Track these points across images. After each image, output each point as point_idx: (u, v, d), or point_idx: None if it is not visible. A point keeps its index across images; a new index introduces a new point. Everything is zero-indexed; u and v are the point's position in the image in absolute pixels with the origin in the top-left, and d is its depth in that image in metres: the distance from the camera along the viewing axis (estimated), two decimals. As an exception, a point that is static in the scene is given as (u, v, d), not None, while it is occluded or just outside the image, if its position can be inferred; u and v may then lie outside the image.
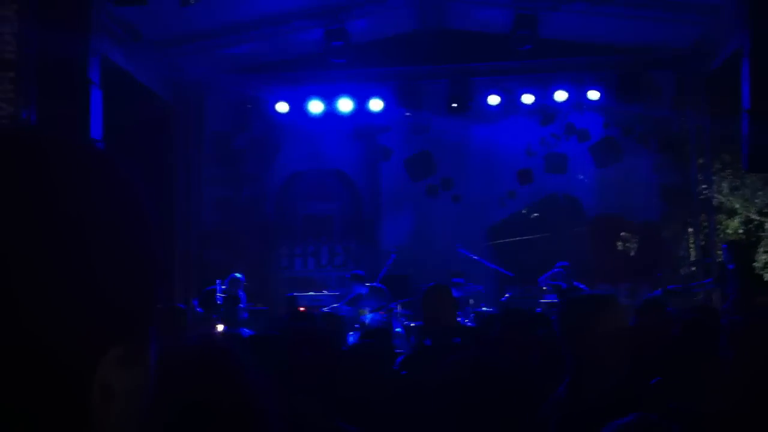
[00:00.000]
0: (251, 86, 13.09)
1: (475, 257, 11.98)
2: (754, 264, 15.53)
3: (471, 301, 11.18)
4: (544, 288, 11.52)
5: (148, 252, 0.76)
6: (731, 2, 9.35)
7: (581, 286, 10.92)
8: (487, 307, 11.23)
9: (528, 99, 12.85)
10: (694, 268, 13.17)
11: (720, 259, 11.65)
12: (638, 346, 4.62)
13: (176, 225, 13.36)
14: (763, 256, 16.37)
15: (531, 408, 2.57)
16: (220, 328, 10.38)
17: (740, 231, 16.52)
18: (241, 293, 11.12)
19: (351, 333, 9.83)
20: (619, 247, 13.10)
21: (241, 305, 11.06)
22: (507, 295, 11.85)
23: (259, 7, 10.79)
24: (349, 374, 3.53)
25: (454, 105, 12.87)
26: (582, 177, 13.37)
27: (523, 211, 13.53)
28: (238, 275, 11.17)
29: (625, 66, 12.52)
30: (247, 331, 10.16)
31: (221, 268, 11.82)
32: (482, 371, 2.59)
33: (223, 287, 10.92)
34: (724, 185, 16.06)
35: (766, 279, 15.82)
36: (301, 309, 11.82)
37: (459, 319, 10.81)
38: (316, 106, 13.12)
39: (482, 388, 2.53)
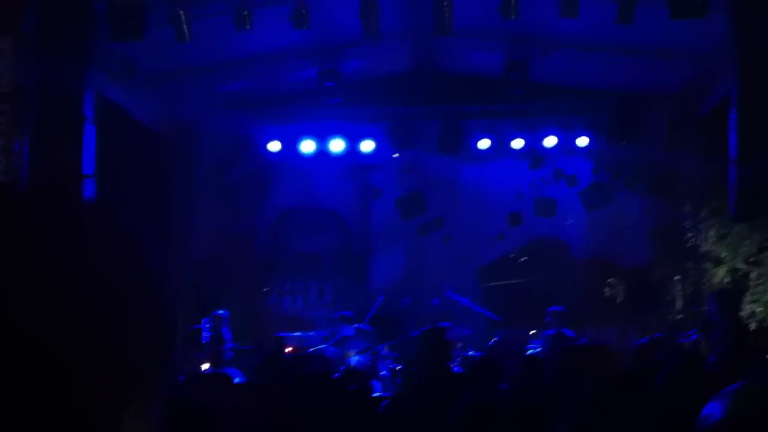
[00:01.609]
0: (244, 122, 13.15)
1: (464, 301, 11.96)
2: (740, 314, 15.55)
3: (459, 345, 11.13)
4: (532, 333, 11.51)
5: (163, 310, 0.80)
6: (721, 49, 9.49)
7: (569, 332, 10.89)
8: (474, 351, 11.18)
9: (518, 143, 12.98)
10: (681, 316, 13.17)
11: (705, 308, 11.66)
12: (630, 393, 4.62)
13: (169, 259, 13.28)
14: (750, 306, 16.39)
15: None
16: (205, 367, 10.28)
17: (726, 280, 16.56)
18: (225, 331, 10.98)
19: (336, 375, 9.74)
20: (608, 293, 13.10)
21: (227, 344, 10.92)
22: (495, 339, 11.81)
23: (254, 44, 10.86)
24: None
25: (446, 148, 12.96)
26: (571, 221, 13.44)
27: (512, 255, 13.55)
28: (220, 312, 11.05)
29: (615, 109, 12.64)
30: (231, 370, 10.06)
31: (210, 303, 11.73)
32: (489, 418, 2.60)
33: (209, 325, 10.82)
34: (711, 233, 16.13)
35: (752, 329, 15.84)
36: (289, 349, 11.75)
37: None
38: (308, 146, 13.20)
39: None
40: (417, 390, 4.64)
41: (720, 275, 16.48)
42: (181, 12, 9.24)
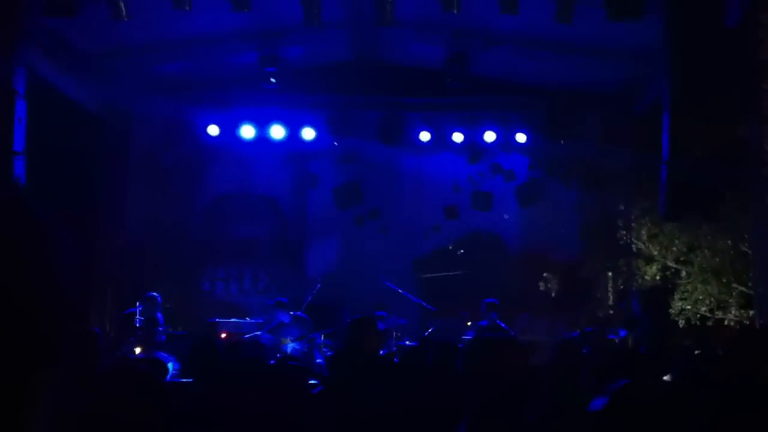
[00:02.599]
0: (182, 105, 12.95)
1: (400, 290, 12.02)
2: (669, 311, 15.95)
3: (395, 334, 11.19)
4: (468, 324, 11.64)
5: (57, 287, 0.86)
6: (655, 51, 9.68)
7: (503, 325, 11.05)
8: (410, 341, 11.26)
9: (458, 137, 13.07)
10: (611, 311, 13.45)
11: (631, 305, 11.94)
12: (553, 386, 4.70)
13: (97, 242, 13.04)
14: (679, 303, 16.81)
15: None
16: (137, 351, 10.12)
17: (657, 277, 16.96)
18: (158, 315, 10.85)
19: (271, 362, 9.70)
20: (541, 287, 13.30)
21: (160, 328, 10.78)
22: (430, 329, 11.92)
23: (194, 25, 10.68)
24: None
25: (386, 139, 12.97)
26: (507, 216, 13.60)
27: (449, 246, 13.66)
28: (154, 294, 10.89)
29: (553, 107, 12.82)
30: (164, 355, 9.93)
31: (142, 288, 11.55)
32: (394, 406, 2.62)
33: (142, 308, 10.66)
34: (643, 231, 16.49)
35: (681, 326, 16.25)
36: (223, 335, 11.65)
37: (382, 352, 10.87)
38: (248, 131, 13.07)
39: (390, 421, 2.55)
40: (343, 378, 4.64)
41: (651, 273, 16.89)
42: (118, -11, 9.03)
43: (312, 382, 9.93)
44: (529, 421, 3.95)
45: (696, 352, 7.45)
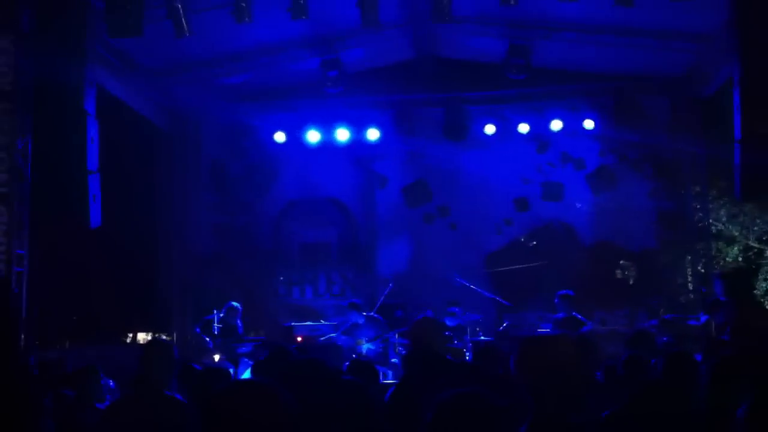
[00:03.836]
0: (247, 114, 13.18)
1: (473, 286, 11.96)
2: (755, 292, 15.48)
3: (469, 330, 11.15)
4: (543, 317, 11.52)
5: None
6: (723, 31, 9.41)
7: (579, 316, 10.88)
8: (484, 336, 11.21)
9: (524, 128, 12.91)
10: (692, 296, 13.13)
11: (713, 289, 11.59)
12: (625, 379, 4.61)
13: (173, 252, 13.40)
14: (764, 284, 16.32)
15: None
16: (216, 358, 10.36)
17: (740, 258, 16.49)
18: (238, 322, 11.08)
19: (347, 363, 9.80)
20: (618, 275, 13.06)
21: (242, 336, 11.02)
22: (504, 324, 11.84)
23: (254, 37, 10.86)
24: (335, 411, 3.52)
25: (452, 135, 12.92)
26: (579, 205, 13.36)
27: (521, 239, 13.52)
28: (235, 304, 11.11)
29: (619, 93, 12.56)
30: (247, 361, 10.15)
31: (218, 296, 11.81)
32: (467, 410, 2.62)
33: (221, 315, 10.90)
34: (722, 212, 16.06)
35: (767, 307, 15.76)
36: (299, 339, 11.81)
37: (458, 345, 10.85)
38: (313, 136, 13.21)
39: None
40: (410, 378, 4.66)
41: (733, 254, 16.46)
42: (180, 6, 9.23)
43: (389, 381, 10.05)
44: (601, 418, 3.89)
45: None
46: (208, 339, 10.67)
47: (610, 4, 9.09)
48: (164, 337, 13.41)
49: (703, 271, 12.99)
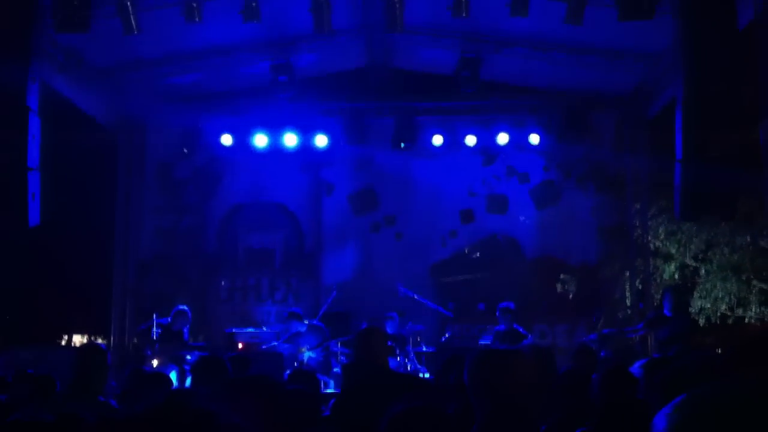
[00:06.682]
0: (195, 116, 13.01)
1: (416, 297, 11.99)
2: (689, 309, 15.84)
3: (412, 340, 11.17)
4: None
5: None
6: (669, 52, 9.62)
7: (520, 329, 11.00)
8: (427, 347, 11.24)
9: (471, 140, 13.00)
10: (630, 312, 13.37)
11: (657, 304, 11.81)
12: (569, 392, 4.65)
13: (114, 255, 13.16)
14: (699, 302, 16.71)
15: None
16: (155, 363, 10.15)
17: (676, 276, 16.87)
18: (184, 329, 10.84)
19: (288, 371, 9.74)
20: (558, 289, 13.23)
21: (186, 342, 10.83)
22: (446, 335, 11.90)
23: (205, 38, 10.76)
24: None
25: (402, 144, 12.94)
26: (523, 218, 13.51)
27: (465, 251, 13.60)
28: (184, 307, 10.90)
29: (567, 109, 12.73)
30: (172, 366, 9.96)
31: (160, 299, 11.62)
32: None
33: (168, 320, 10.69)
34: (661, 230, 16.42)
35: (701, 324, 16.15)
36: (240, 345, 11.68)
37: (400, 358, 10.87)
38: (261, 140, 13.08)
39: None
40: (353, 389, 4.64)
41: (669, 271, 16.82)
42: (129, 3, 9.09)
43: (329, 391, 10.00)
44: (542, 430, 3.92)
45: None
46: (146, 345, 10.48)
47: (560, 22, 9.24)
48: (100, 341, 13.15)
49: (640, 287, 13.23)
